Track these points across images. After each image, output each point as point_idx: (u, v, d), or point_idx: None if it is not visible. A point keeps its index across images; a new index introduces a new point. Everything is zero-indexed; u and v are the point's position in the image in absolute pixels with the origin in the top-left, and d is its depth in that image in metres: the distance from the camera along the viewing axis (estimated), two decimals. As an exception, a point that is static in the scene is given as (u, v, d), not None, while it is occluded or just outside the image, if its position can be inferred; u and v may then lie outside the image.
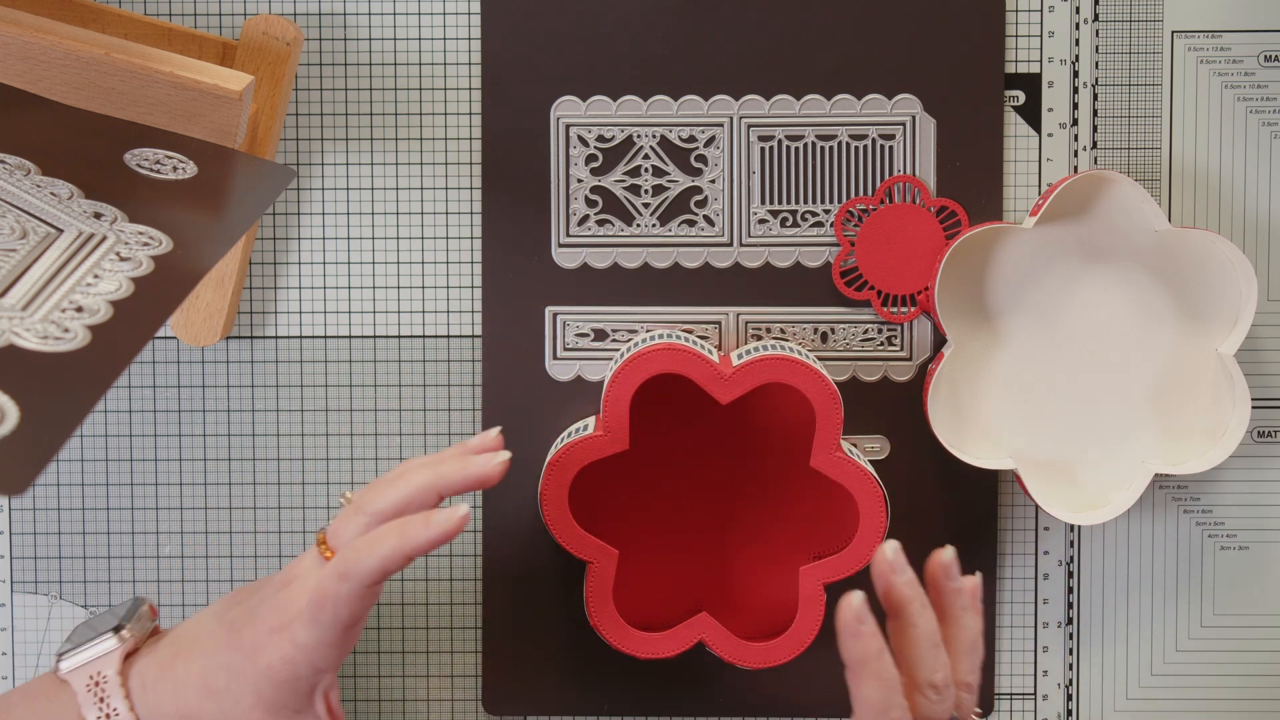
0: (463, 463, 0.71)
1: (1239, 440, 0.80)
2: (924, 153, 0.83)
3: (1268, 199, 0.83)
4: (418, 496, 0.71)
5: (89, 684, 0.71)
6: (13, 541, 0.85)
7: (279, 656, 0.70)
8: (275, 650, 0.70)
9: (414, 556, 0.70)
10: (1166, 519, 0.85)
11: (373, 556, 0.69)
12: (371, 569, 0.69)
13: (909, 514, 0.83)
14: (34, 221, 0.67)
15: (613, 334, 0.84)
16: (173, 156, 0.72)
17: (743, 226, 0.83)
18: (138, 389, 0.84)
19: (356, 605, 0.69)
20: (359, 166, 0.84)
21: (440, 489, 0.71)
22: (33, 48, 0.71)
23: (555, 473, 0.78)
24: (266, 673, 0.70)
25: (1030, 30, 0.83)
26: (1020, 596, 0.85)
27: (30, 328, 0.62)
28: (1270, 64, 0.83)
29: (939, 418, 0.81)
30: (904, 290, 0.83)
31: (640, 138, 0.83)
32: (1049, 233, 0.81)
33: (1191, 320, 0.82)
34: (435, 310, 0.84)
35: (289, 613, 0.70)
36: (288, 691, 0.70)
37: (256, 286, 0.84)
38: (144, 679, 0.72)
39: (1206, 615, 0.85)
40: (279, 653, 0.70)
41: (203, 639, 0.72)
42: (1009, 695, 0.85)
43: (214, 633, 0.72)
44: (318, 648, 0.70)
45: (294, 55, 0.81)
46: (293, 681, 0.70)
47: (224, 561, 0.85)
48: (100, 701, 0.71)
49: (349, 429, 0.84)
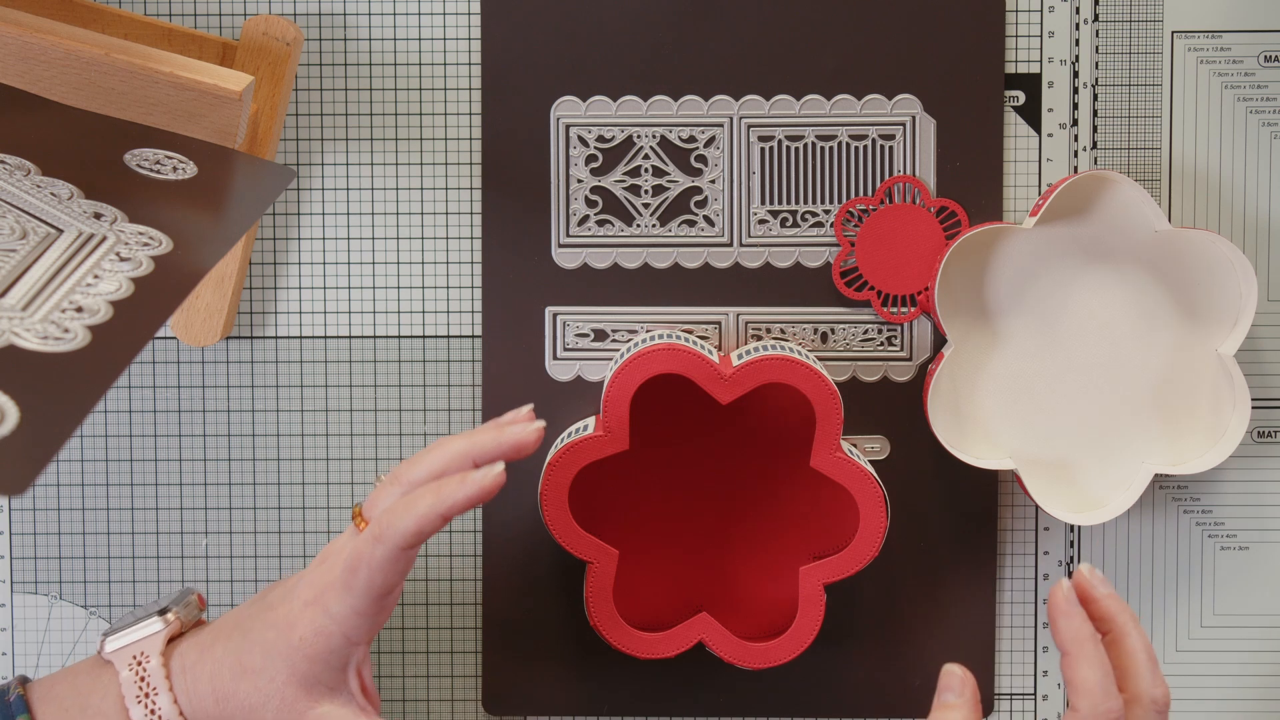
0: (498, 431, 0.71)
1: (1239, 440, 0.80)
2: (924, 153, 0.83)
3: (1268, 199, 0.83)
4: (453, 463, 0.71)
5: (131, 663, 0.72)
6: (13, 541, 0.85)
7: (311, 628, 0.70)
8: (308, 623, 0.70)
9: (449, 517, 0.70)
10: (1166, 519, 0.85)
11: (409, 517, 0.69)
12: (407, 530, 0.69)
13: (909, 514, 0.83)
14: (34, 222, 0.67)
15: (613, 334, 0.84)
16: (173, 156, 0.72)
17: (743, 226, 0.83)
18: (138, 389, 0.84)
19: (390, 570, 0.69)
20: (359, 166, 0.84)
21: (475, 456, 0.71)
22: (33, 48, 0.71)
23: (555, 473, 0.78)
24: (300, 646, 0.70)
25: (1030, 30, 0.83)
26: (1020, 596, 0.85)
27: (30, 328, 0.62)
28: (1270, 64, 0.83)
29: (939, 418, 0.81)
30: (904, 290, 0.83)
31: (640, 138, 0.83)
32: (1049, 233, 0.81)
33: (1191, 320, 0.82)
34: (435, 310, 0.84)
35: (323, 584, 0.71)
36: (321, 665, 0.71)
37: (256, 286, 0.84)
38: (184, 662, 0.72)
39: (1206, 615, 0.85)
40: (311, 625, 0.70)
41: (242, 620, 0.73)
42: (1009, 695, 0.85)
43: (251, 613, 0.73)
44: (351, 616, 0.70)
45: (294, 55, 0.81)
46: (326, 655, 0.70)
47: (224, 561, 0.85)
48: (141, 681, 0.71)
49: (349, 429, 0.84)
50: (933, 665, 0.83)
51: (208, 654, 0.72)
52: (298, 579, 0.73)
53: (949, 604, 0.84)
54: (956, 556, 0.84)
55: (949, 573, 0.84)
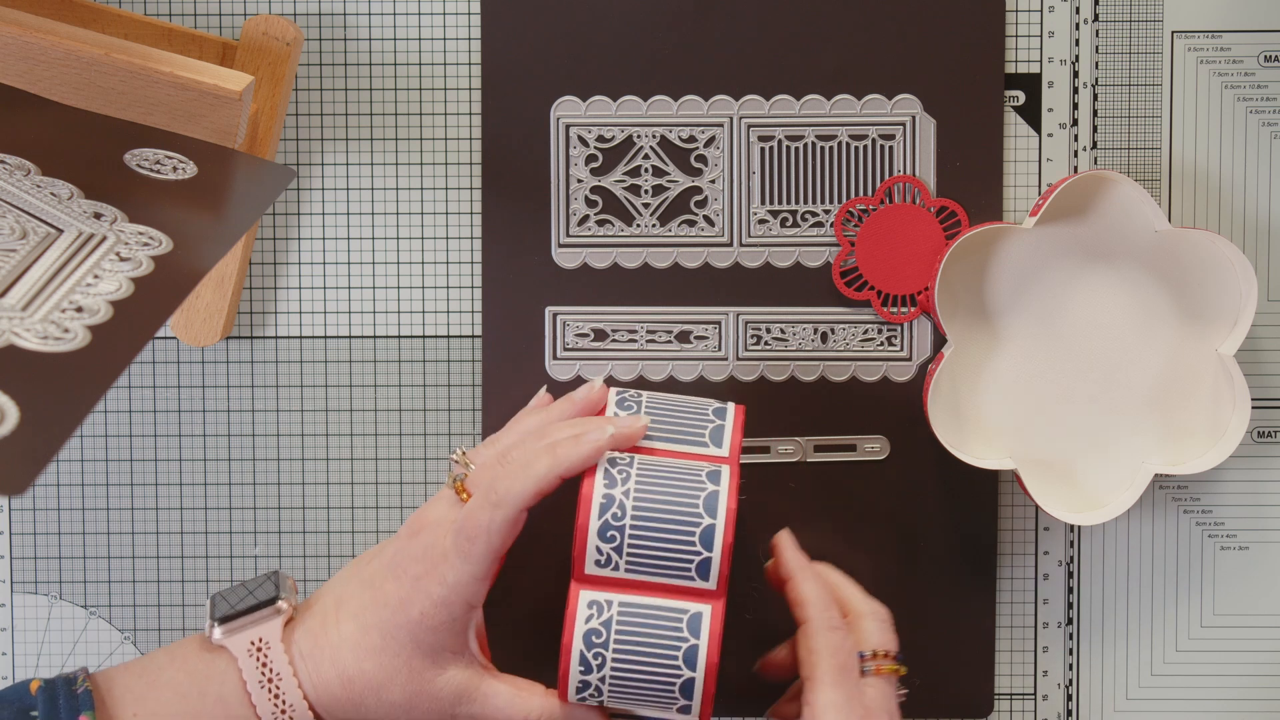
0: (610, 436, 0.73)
1: (1239, 440, 0.80)
2: (924, 153, 0.83)
3: (1268, 199, 0.83)
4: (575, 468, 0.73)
5: (251, 650, 0.72)
6: (13, 541, 0.85)
7: (430, 601, 0.71)
8: (425, 596, 0.71)
9: (566, 477, 0.72)
10: (1166, 519, 0.85)
11: (528, 478, 0.71)
12: (526, 491, 0.71)
13: (909, 514, 0.83)
14: (34, 222, 0.67)
15: (612, 334, 0.84)
16: (173, 156, 0.72)
17: (743, 226, 0.83)
18: (138, 389, 0.84)
19: (508, 533, 0.71)
20: (359, 166, 0.84)
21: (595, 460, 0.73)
22: (33, 48, 0.71)
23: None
24: (421, 621, 0.72)
25: (1030, 30, 0.83)
26: (1020, 596, 0.85)
27: (30, 328, 0.62)
28: (1270, 64, 0.83)
29: (939, 418, 0.81)
30: (904, 290, 0.83)
31: (640, 138, 0.83)
32: (1049, 233, 0.81)
33: (1191, 320, 0.82)
34: (435, 310, 0.84)
35: (432, 556, 0.72)
36: (445, 633, 0.72)
37: (256, 286, 0.84)
38: (301, 649, 0.73)
39: (1206, 615, 0.85)
40: (430, 598, 0.71)
41: (347, 600, 0.74)
42: (1009, 695, 0.85)
43: (356, 593, 0.74)
44: (470, 583, 0.71)
45: (294, 55, 0.81)
46: (449, 623, 0.72)
47: (224, 561, 0.85)
48: (263, 668, 0.72)
49: (349, 429, 0.84)
50: (933, 665, 0.83)
51: (321, 640, 0.73)
52: (393, 550, 0.73)
53: (949, 604, 0.84)
54: (956, 556, 0.84)
55: (949, 573, 0.84)
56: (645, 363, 0.84)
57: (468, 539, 0.71)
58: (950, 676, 0.84)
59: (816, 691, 0.71)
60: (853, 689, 0.72)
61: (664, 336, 0.83)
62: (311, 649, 0.73)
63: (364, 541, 0.85)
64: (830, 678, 0.71)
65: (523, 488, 0.71)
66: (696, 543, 0.72)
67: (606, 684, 0.72)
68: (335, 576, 0.76)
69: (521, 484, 0.71)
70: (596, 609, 0.72)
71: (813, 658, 0.72)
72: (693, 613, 0.72)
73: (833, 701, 0.71)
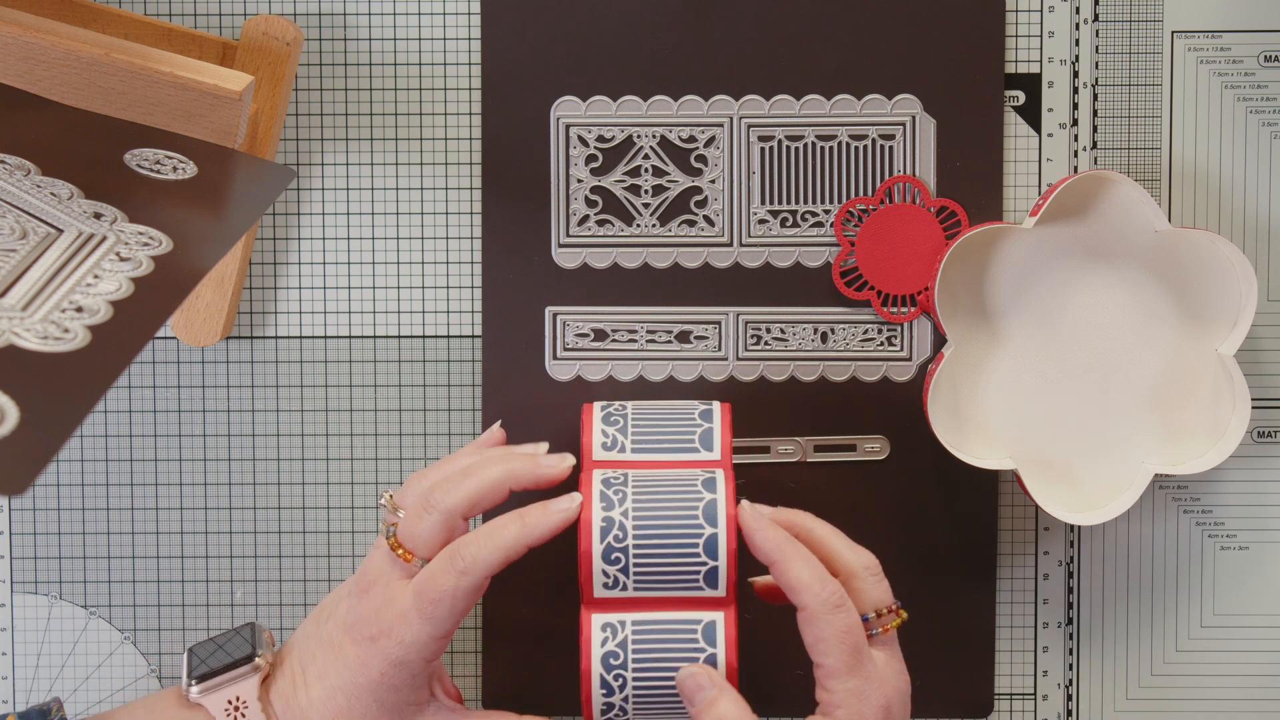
0: (534, 462, 0.73)
1: (1239, 440, 0.80)
2: (924, 153, 0.83)
3: (1268, 199, 0.83)
4: (489, 493, 0.73)
5: (228, 709, 0.73)
6: (13, 541, 0.85)
7: (388, 662, 0.71)
8: (383, 658, 0.71)
9: (533, 545, 0.72)
10: (1166, 519, 0.85)
11: (495, 549, 0.71)
12: (493, 560, 0.71)
13: (909, 514, 0.83)
14: (34, 222, 0.67)
15: (612, 334, 0.84)
16: (173, 156, 0.72)
17: (743, 226, 0.83)
18: (138, 389, 0.84)
19: (473, 598, 0.71)
20: (359, 166, 0.84)
21: (513, 485, 0.73)
22: (33, 48, 0.71)
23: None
24: (381, 681, 0.72)
25: (1030, 30, 0.83)
26: (1020, 596, 0.85)
27: (30, 328, 0.62)
28: (1270, 64, 0.83)
29: (939, 418, 0.81)
30: (904, 290, 0.83)
31: (640, 138, 0.83)
32: (1049, 233, 0.81)
33: (1191, 320, 0.82)
34: (435, 310, 0.84)
35: (386, 617, 0.72)
36: (406, 690, 0.72)
37: (256, 286, 0.84)
38: (275, 709, 0.74)
39: (1206, 615, 0.85)
40: (387, 659, 0.71)
41: (309, 663, 0.74)
42: (1009, 695, 0.85)
43: (317, 654, 0.74)
44: (429, 642, 0.71)
45: (294, 55, 0.81)
46: (410, 680, 0.72)
47: (224, 562, 0.85)
48: None
49: (349, 429, 0.84)
50: (933, 665, 0.83)
51: (294, 702, 0.73)
52: (346, 612, 0.73)
53: (949, 604, 0.84)
54: (956, 556, 0.84)
55: (949, 573, 0.84)
56: (645, 363, 0.84)
57: (430, 601, 0.70)
58: (950, 676, 0.84)
59: (833, 679, 0.70)
60: (869, 669, 0.71)
61: (664, 336, 0.83)
62: (284, 710, 0.73)
63: (364, 542, 0.85)
64: (845, 665, 0.70)
65: (489, 556, 0.71)
66: (701, 553, 0.72)
67: (630, 703, 0.72)
68: (298, 631, 0.76)
69: (489, 552, 0.71)
70: (610, 631, 0.72)
71: (822, 645, 0.70)
72: (706, 621, 0.72)
73: (851, 689, 0.70)
